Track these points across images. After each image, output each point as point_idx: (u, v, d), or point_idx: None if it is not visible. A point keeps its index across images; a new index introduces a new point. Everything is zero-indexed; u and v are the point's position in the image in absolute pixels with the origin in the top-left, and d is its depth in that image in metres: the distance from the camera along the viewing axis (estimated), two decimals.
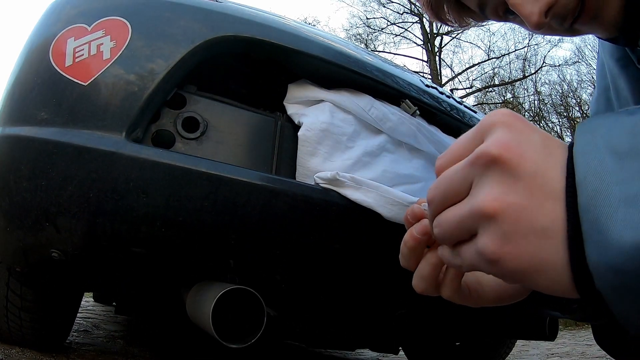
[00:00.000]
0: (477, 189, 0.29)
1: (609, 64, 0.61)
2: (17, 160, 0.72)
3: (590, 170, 0.27)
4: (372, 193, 0.79)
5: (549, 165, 0.28)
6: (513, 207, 0.27)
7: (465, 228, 0.30)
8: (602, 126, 0.28)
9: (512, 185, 0.27)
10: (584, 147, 0.28)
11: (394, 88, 0.96)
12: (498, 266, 0.28)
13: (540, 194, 0.27)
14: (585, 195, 0.26)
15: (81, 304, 1.29)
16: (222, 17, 0.81)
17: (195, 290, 0.84)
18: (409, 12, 16.98)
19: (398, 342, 1.64)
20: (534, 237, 0.27)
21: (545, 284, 0.28)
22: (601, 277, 0.25)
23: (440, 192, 0.32)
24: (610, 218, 0.25)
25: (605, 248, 0.25)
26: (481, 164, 0.29)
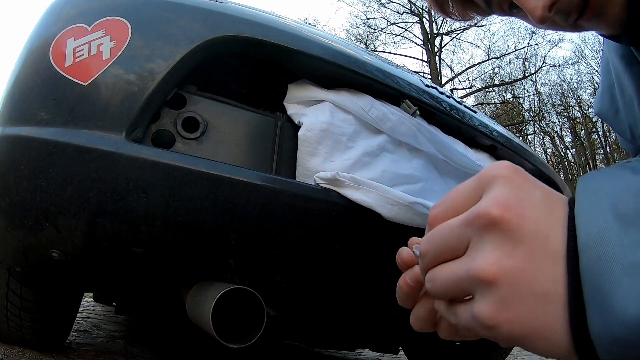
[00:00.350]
0: (475, 250, 0.28)
1: (614, 61, 0.61)
2: (17, 160, 0.72)
3: (593, 235, 0.26)
4: (372, 193, 0.79)
5: (550, 225, 0.27)
6: (512, 272, 0.26)
7: (461, 289, 0.29)
8: (606, 186, 0.27)
9: (512, 249, 0.27)
10: (587, 209, 0.27)
11: (394, 88, 0.96)
12: (495, 332, 0.27)
13: (541, 256, 0.26)
14: (588, 262, 0.25)
15: (81, 304, 1.29)
16: (222, 17, 0.81)
17: (195, 290, 0.84)
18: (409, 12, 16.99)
19: (398, 342, 1.64)
20: (533, 301, 0.26)
21: (544, 349, 0.27)
22: (604, 349, 0.25)
23: (435, 248, 0.31)
24: (614, 287, 0.24)
25: (608, 319, 0.24)
26: (480, 225, 0.28)
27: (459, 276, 0.28)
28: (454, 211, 0.31)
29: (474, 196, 0.30)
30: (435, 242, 0.31)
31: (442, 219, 0.32)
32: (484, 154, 1.20)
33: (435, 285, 0.31)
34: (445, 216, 0.32)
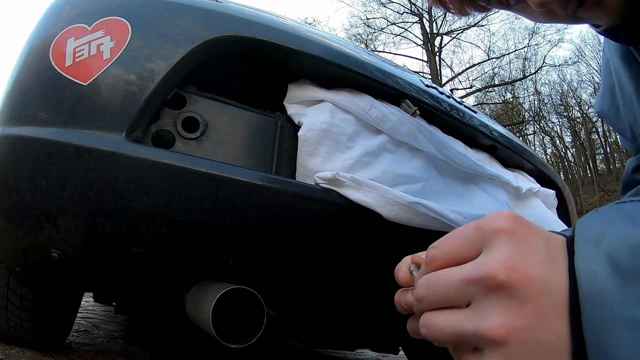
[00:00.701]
0: (480, 309, 0.28)
1: (614, 61, 0.61)
2: (17, 160, 0.72)
3: (593, 291, 0.26)
4: (372, 193, 0.79)
5: (554, 281, 0.28)
6: (520, 331, 0.27)
7: (465, 342, 0.30)
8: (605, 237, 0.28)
9: (519, 308, 0.27)
10: (586, 263, 0.27)
11: (394, 88, 0.96)
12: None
13: (546, 312, 0.27)
14: (589, 317, 0.26)
15: (81, 304, 1.29)
16: (222, 17, 0.81)
17: (195, 290, 0.84)
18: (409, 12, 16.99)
19: (398, 342, 1.64)
20: (540, 355, 0.27)
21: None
22: None
23: (434, 297, 0.32)
24: (613, 341, 0.25)
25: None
26: (485, 286, 0.28)
27: (464, 332, 0.29)
28: (454, 257, 0.32)
29: (475, 247, 0.30)
30: (434, 290, 0.32)
31: (441, 263, 0.32)
32: (484, 154, 1.20)
33: (431, 332, 0.32)
34: (444, 260, 0.32)
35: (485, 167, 1.12)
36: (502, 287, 0.27)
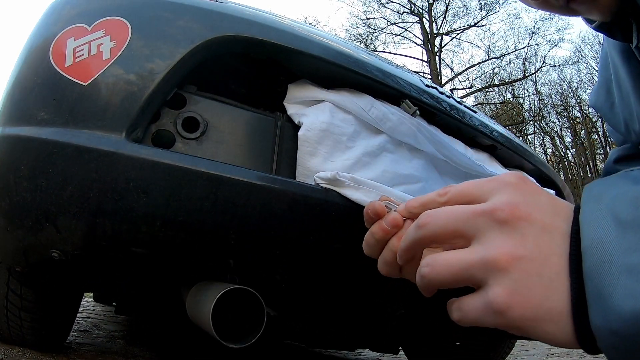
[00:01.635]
0: (486, 240, 0.31)
1: (613, 56, 0.61)
2: (17, 160, 0.72)
3: (595, 240, 0.28)
4: (372, 193, 0.79)
5: (554, 225, 0.31)
6: (523, 260, 0.29)
7: (470, 275, 0.31)
8: (608, 194, 0.30)
9: (522, 241, 0.30)
10: (590, 215, 0.30)
11: (394, 88, 0.96)
12: (506, 316, 0.29)
13: (546, 249, 0.30)
14: (590, 264, 0.28)
15: (81, 304, 1.29)
16: (222, 17, 0.81)
17: (195, 290, 0.84)
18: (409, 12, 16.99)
19: (398, 342, 1.64)
20: (541, 288, 0.29)
21: (552, 334, 0.29)
22: (603, 339, 0.27)
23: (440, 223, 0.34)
24: (613, 287, 0.26)
25: (608, 314, 0.26)
26: (493, 219, 0.31)
27: (470, 263, 0.31)
28: (464, 197, 0.35)
29: (486, 193, 0.33)
30: (440, 218, 0.34)
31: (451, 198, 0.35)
32: (484, 154, 1.20)
33: (434, 269, 0.33)
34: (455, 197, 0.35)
35: (486, 167, 1.12)
36: (506, 221, 0.30)
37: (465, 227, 0.33)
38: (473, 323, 0.32)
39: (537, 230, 0.30)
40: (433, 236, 0.35)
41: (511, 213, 0.31)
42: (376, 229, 0.42)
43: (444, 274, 0.33)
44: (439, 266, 0.33)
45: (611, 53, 0.62)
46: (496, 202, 0.32)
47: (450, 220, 0.33)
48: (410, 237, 0.37)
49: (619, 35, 0.51)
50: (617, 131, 0.65)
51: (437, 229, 0.34)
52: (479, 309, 0.31)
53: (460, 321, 0.34)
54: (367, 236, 0.44)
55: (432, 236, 0.35)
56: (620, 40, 0.54)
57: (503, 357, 1.75)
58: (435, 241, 0.35)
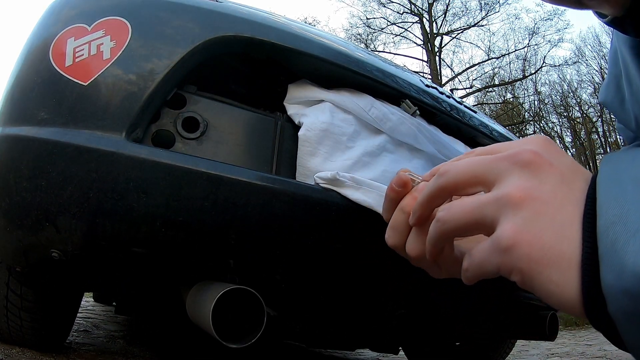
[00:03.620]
0: (505, 181, 0.31)
1: (622, 52, 0.60)
2: (17, 160, 0.72)
3: (611, 196, 0.28)
4: (372, 193, 0.79)
5: (574, 181, 0.30)
6: (537, 201, 0.29)
7: (483, 215, 0.31)
8: (625, 158, 0.30)
9: (539, 185, 0.30)
10: (607, 176, 0.29)
11: (394, 88, 0.96)
12: (512, 253, 0.29)
13: (563, 197, 0.29)
14: (605, 220, 0.27)
15: (81, 304, 1.29)
16: (222, 17, 0.81)
17: (195, 290, 0.84)
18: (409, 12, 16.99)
19: (398, 342, 1.64)
20: (552, 231, 0.28)
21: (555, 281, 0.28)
22: (614, 300, 0.26)
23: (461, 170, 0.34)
24: (628, 244, 0.25)
25: (621, 272, 0.25)
26: (514, 162, 0.31)
27: (484, 201, 0.31)
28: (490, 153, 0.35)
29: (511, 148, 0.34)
30: (464, 164, 0.34)
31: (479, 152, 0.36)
32: None
33: (449, 212, 0.33)
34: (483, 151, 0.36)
35: None
36: (527, 165, 0.31)
37: (486, 171, 0.33)
38: (479, 269, 0.32)
39: (556, 179, 0.30)
40: (454, 183, 0.34)
41: (533, 159, 0.31)
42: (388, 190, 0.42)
43: (459, 215, 0.32)
44: (455, 208, 0.33)
45: (621, 49, 0.61)
46: (520, 149, 0.32)
47: (471, 166, 0.34)
48: (430, 186, 0.36)
49: (631, 30, 0.50)
50: (627, 128, 0.65)
51: (458, 175, 0.34)
52: (486, 249, 0.31)
53: (467, 269, 0.33)
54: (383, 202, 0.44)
55: (453, 183, 0.34)
56: (632, 36, 0.53)
57: (503, 357, 1.75)
58: (456, 189, 0.35)
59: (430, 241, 0.36)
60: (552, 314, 1.16)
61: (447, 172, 0.35)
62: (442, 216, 0.34)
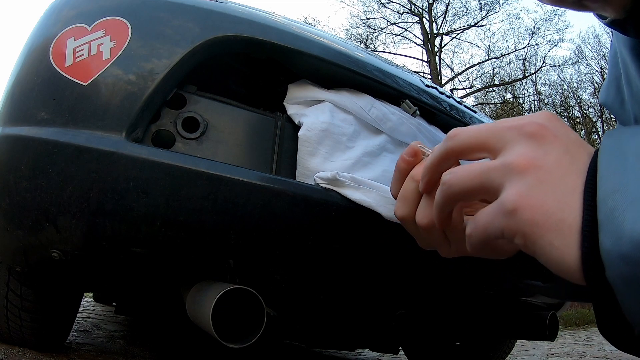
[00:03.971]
0: (511, 149, 0.32)
1: (622, 53, 0.60)
2: (17, 160, 0.72)
3: (612, 167, 0.29)
4: (372, 193, 0.79)
5: (577, 154, 0.31)
6: (542, 169, 0.30)
7: (489, 180, 0.32)
8: (627, 132, 0.31)
9: (544, 155, 0.31)
10: (608, 148, 0.30)
11: (394, 88, 0.96)
12: (515, 216, 0.30)
13: (566, 168, 0.30)
14: (605, 189, 0.28)
15: (81, 304, 1.29)
16: (222, 17, 0.81)
17: (195, 290, 0.84)
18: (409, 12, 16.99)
19: (398, 342, 1.64)
20: (554, 198, 0.29)
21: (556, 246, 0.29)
22: (612, 266, 0.26)
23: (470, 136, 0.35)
24: (626, 211, 0.26)
25: (619, 238, 0.26)
26: (521, 132, 0.32)
27: (490, 167, 0.32)
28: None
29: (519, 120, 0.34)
30: (472, 130, 0.35)
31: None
32: None
33: (455, 176, 0.34)
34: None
35: None
36: (534, 135, 0.32)
37: (493, 139, 0.34)
38: (483, 233, 0.33)
39: (561, 151, 0.31)
40: (461, 147, 0.36)
41: (539, 130, 0.32)
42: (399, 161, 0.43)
43: (465, 178, 0.33)
44: (461, 171, 0.34)
45: (621, 50, 0.61)
46: (527, 121, 0.33)
47: (480, 132, 0.35)
48: (438, 149, 0.37)
49: (631, 31, 0.50)
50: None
51: (466, 140, 0.35)
52: (490, 213, 0.32)
53: (471, 235, 0.34)
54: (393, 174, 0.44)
55: (461, 147, 0.36)
56: (633, 37, 0.53)
57: (503, 357, 1.75)
58: (463, 153, 0.36)
59: (437, 206, 0.37)
60: (552, 314, 1.16)
61: (456, 136, 0.36)
62: (448, 179, 0.35)
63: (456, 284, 1.01)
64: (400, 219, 0.44)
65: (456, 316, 1.26)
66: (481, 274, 1.00)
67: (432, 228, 0.41)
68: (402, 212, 0.43)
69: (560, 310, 1.34)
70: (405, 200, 0.43)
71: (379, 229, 0.82)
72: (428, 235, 0.42)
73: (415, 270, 0.93)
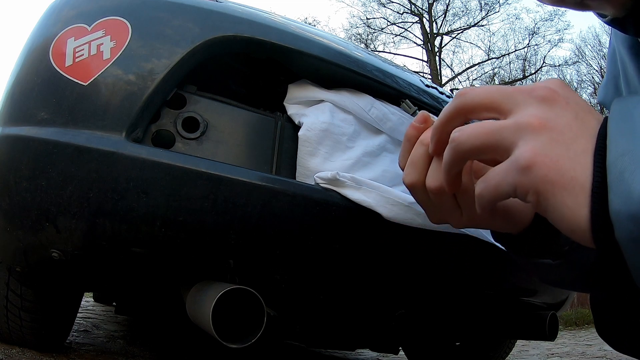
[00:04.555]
0: (522, 111, 0.32)
1: (620, 52, 0.61)
2: (17, 160, 0.72)
3: (621, 131, 0.29)
4: (372, 193, 0.79)
5: (587, 119, 0.32)
6: (554, 129, 0.30)
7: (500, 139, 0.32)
8: (635, 99, 0.31)
9: (555, 118, 0.31)
10: (617, 113, 0.31)
11: (394, 88, 0.96)
12: (529, 173, 0.30)
13: (577, 130, 0.31)
14: (614, 153, 0.28)
15: (81, 304, 1.29)
16: (222, 17, 0.81)
17: (195, 290, 0.84)
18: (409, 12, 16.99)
19: (398, 342, 1.64)
20: (567, 158, 0.30)
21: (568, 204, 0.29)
22: (621, 226, 0.27)
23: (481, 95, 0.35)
24: (635, 173, 0.27)
25: (628, 198, 0.26)
26: (532, 95, 0.32)
27: (502, 126, 0.32)
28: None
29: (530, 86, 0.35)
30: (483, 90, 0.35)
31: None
32: None
33: (464, 133, 0.34)
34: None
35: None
36: (545, 99, 0.32)
37: (504, 100, 0.34)
38: (495, 191, 0.33)
39: (571, 115, 0.31)
40: (471, 105, 0.35)
41: (550, 94, 0.32)
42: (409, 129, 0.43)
43: (475, 136, 0.33)
44: (470, 129, 0.34)
45: (619, 48, 0.61)
46: (537, 85, 0.33)
47: (490, 91, 0.35)
48: (448, 107, 0.37)
49: (631, 29, 0.50)
50: None
51: (476, 98, 0.35)
52: (503, 170, 0.32)
53: (481, 194, 0.34)
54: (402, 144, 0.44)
55: (471, 105, 0.35)
56: (633, 35, 0.53)
57: (503, 357, 1.75)
58: (473, 111, 0.36)
59: (445, 165, 0.37)
60: (552, 314, 1.16)
61: (466, 94, 0.36)
62: (458, 136, 0.34)
63: (456, 284, 1.01)
64: (409, 185, 0.43)
65: (456, 316, 1.26)
66: (481, 274, 1.00)
67: (443, 192, 0.40)
68: (411, 178, 0.42)
69: (560, 310, 1.34)
70: (415, 165, 0.42)
71: (379, 229, 0.82)
72: (439, 201, 0.41)
73: (415, 270, 0.93)
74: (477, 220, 0.42)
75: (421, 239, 0.85)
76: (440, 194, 0.40)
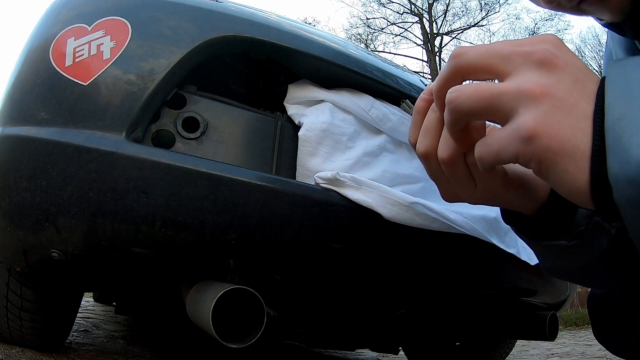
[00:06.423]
0: (523, 76, 0.32)
1: (617, 53, 0.61)
2: (17, 160, 0.72)
3: (619, 95, 0.29)
4: (372, 193, 0.79)
5: (586, 82, 0.32)
6: (555, 98, 0.30)
7: (500, 104, 0.32)
8: (632, 62, 0.32)
9: (556, 83, 0.31)
10: (615, 77, 0.31)
11: (394, 88, 0.96)
12: (532, 143, 0.30)
13: (577, 95, 0.31)
14: (612, 117, 0.29)
15: (81, 304, 1.29)
16: (222, 17, 0.81)
17: (195, 290, 0.84)
18: (409, 12, 16.99)
19: (398, 342, 1.64)
20: (569, 125, 0.30)
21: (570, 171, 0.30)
22: (619, 189, 0.28)
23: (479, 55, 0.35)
24: (632, 137, 0.27)
25: (626, 162, 0.27)
26: (531, 59, 0.32)
27: (502, 90, 0.32)
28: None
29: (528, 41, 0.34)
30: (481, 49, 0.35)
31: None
32: None
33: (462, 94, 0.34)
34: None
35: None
36: (544, 63, 0.32)
37: (502, 62, 0.33)
38: (496, 156, 0.33)
39: (571, 80, 0.31)
40: (468, 66, 0.35)
41: (549, 58, 0.32)
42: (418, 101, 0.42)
43: (473, 98, 0.33)
44: (469, 90, 0.33)
45: (616, 51, 0.61)
46: (536, 47, 0.33)
47: (488, 52, 0.34)
48: (445, 67, 0.37)
49: (629, 32, 0.50)
50: None
51: (474, 58, 0.35)
52: (504, 137, 0.32)
53: (481, 157, 0.34)
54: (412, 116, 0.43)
55: (467, 66, 0.35)
56: (630, 37, 0.53)
57: (503, 357, 1.75)
58: (470, 72, 0.35)
59: (447, 125, 0.36)
60: (552, 314, 1.16)
61: (463, 54, 0.35)
62: (455, 97, 0.34)
63: (456, 284, 1.01)
64: (422, 154, 0.41)
65: (456, 316, 1.26)
66: (481, 274, 1.00)
67: (455, 162, 0.39)
68: (425, 146, 0.41)
69: (560, 311, 1.34)
70: (428, 131, 0.41)
71: (379, 229, 0.82)
72: (452, 171, 0.40)
73: (415, 270, 0.93)
74: (492, 195, 0.41)
75: (421, 239, 0.85)
76: (453, 163, 0.39)
